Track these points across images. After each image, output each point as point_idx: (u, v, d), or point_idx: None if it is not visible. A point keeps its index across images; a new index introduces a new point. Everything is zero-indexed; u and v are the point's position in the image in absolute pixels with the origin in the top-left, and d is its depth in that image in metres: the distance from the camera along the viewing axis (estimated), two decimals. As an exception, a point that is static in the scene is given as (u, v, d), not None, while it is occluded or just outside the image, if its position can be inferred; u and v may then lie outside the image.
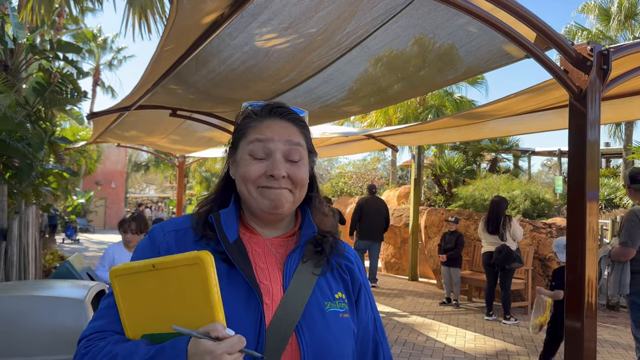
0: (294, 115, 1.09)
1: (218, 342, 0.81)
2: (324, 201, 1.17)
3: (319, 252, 1.06)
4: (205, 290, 0.84)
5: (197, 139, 8.49)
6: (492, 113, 5.19)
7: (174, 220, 1.10)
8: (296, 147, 1.04)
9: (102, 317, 0.99)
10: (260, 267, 1.02)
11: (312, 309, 1.00)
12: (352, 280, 1.11)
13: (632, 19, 15.36)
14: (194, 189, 32.24)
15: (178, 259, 0.87)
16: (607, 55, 2.84)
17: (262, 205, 1.02)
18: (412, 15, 2.88)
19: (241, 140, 1.06)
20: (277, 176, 1.00)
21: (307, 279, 1.02)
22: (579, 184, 2.87)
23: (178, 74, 3.74)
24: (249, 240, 1.05)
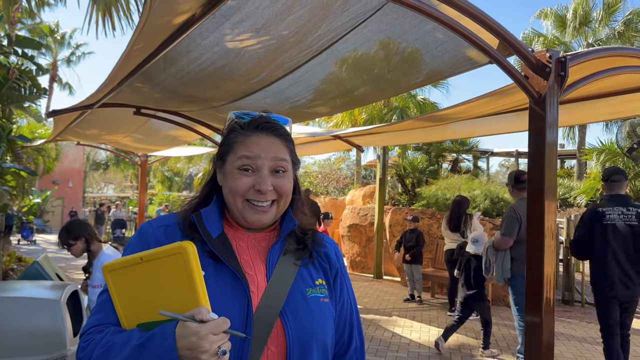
0: (279, 130, 1.14)
1: (203, 324, 0.86)
2: (305, 203, 1.23)
3: (301, 247, 1.14)
4: (189, 277, 0.89)
5: (161, 138, 8.36)
6: (455, 115, 5.35)
7: (162, 217, 1.15)
8: (282, 162, 1.11)
9: (99, 311, 1.04)
10: (244, 260, 1.08)
11: (295, 295, 1.07)
12: (330, 266, 1.18)
13: (586, 26, 16.04)
14: (155, 189, 31.63)
15: (163, 250, 0.93)
16: (564, 62, 2.99)
17: (246, 217, 1.09)
18: (382, 21, 2.96)
19: (229, 154, 1.12)
20: (264, 191, 1.07)
21: (289, 268, 1.09)
22: (538, 184, 3.01)
23: (145, 72, 3.71)
24: (233, 235, 1.12)
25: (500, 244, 4.58)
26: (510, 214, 4.58)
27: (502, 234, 4.58)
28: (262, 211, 1.08)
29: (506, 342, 5.59)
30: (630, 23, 15.30)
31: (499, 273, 4.67)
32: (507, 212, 4.69)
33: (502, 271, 4.59)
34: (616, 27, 15.52)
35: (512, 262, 4.55)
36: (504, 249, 4.57)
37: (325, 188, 18.97)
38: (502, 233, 4.58)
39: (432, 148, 12.51)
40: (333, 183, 19.86)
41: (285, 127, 1.17)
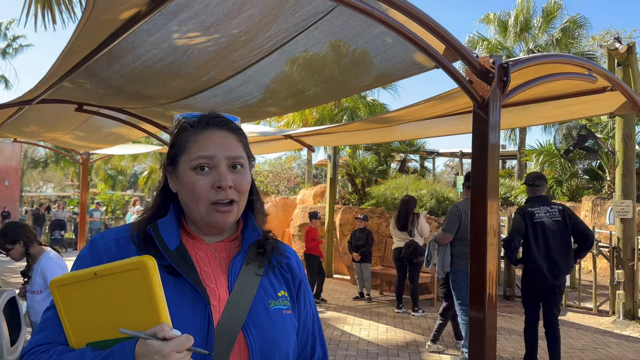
0: (231, 125, 1.11)
1: (165, 341, 0.83)
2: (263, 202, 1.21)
3: (261, 253, 1.10)
4: (149, 294, 0.85)
5: (104, 135, 8.07)
6: (403, 117, 5.47)
7: (114, 230, 1.10)
8: (238, 158, 1.07)
9: (44, 329, 0.97)
10: (205, 272, 1.04)
11: (258, 308, 1.04)
12: (293, 277, 1.15)
13: (527, 32, 16.77)
14: (97, 187, 30.47)
15: (120, 265, 0.88)
16: (506, 68, 3.11)
17: (211, 221, 1.04)
18: (333, 23, 2.98)
19: (181, 155, 1.06)
20: (224, 187, 1.02)
21: (251, 280, 1.06)
22: (481, 184, 3.12)
23: (88, 68, 3.56)
24: (192, 246, 1.07)
25: (441, 239, 4.91)
26: (453, 211, 4.92)
27: (443, 229, 4.92)
28: (225, 211, 1.03)
29: (451, 337, 5.77)
30: (567, 30, 16.14)
31: (439, 266, 4.99)
32: (450, 209, 5.04)
33: (443, 264, 4.90)
34: (554, 34, 16.34)
35: (453, 258, 4.84)
36: (444, 244, 4.89)
37: (276, 187, 18.90)
38: (443, 228, 4.92)
39: (381, 148, 12.73)
40: (284, 182, 19.82)
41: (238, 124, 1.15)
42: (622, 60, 6.71)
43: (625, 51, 6.55)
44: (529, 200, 4.63)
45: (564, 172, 12.74)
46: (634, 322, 6.56)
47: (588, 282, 8.45)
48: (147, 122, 5.88)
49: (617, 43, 6.49)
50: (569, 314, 7.16)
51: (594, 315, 7.06)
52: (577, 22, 16.29)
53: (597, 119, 11.63)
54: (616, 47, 6.51)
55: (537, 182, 4.61)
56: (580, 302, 7.39)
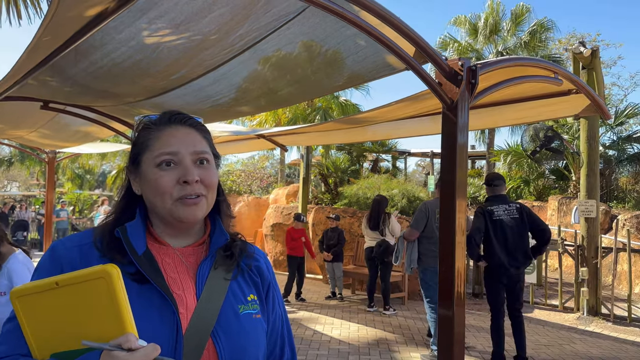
0: (193, 121, 1.09)
1: (131, 352, 0.80)
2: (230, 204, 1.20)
3: (229, 256, 1.08)
4: (114, 303, 0.83)
5: (71, 134, 7.87)
6: (375, 118, 5.51)
7: (75, 236, 1.06)
8: (203, 154, 1.05)
9: (6, 341, 0.94)
10: (171, 278, 1.01)
11: (227, 314, 1.01)
12: (262, 280, 1.13)
13: (496, 35, 17.08)
14: (64, 187, 29.73)
15: (82, 274, 0.85)
16: (475, 71, 3.16)
17: (179, 215, 1.01)
18: (304, 24, 2.98)
19: (144, 153, 1.04)
20: (190, 181, 1.00)
21: (219, 285, 1.03)
22: (450, 184, 3.17)
23: (54, 65, 3.48)
24: (158, 251, 1.04)
25: (408, 235, 5.14)
26: (421, 208, 5.17)
27: (410, 225, 5.16)
28: (193, 204, 1.01)
29: (421, 335, 5.85)
30: (535, 33, 16.51)
31: (407, 262, 5.19)
32: (419, 207, 5.27)
33: (410, 261, 5.10)
34: (523, 36, 16.70)
35: (421, 256, 5.05)
36: (411, 240, 5.10)
37: (249, 187, 18.79)
38: (410, 225, 5.16)
39: (353, 148, 12.80)
40: (257, 182, 19.72)
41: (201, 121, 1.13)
42: (587, 63, 6.92)
43: (590, 55, 6.75)
44: (488, 199, 4.87)
45: (531, 172, 13.06)
46: (597, 318, 6.78)
47: (554, 279, 8.67)
48: (115, 120, 5.77)
49: (582, 47, 6.69)
50: (536, 311, 7.34)
51: (560, 312, 7.25)
52: (545, 25, 16.68)
53: (563, 120, 11.95)
54: (581, 51, 6.70)
55: (495, 182, 4.87)
56: (546, 299, 7.58)
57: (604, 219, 9.88)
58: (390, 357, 4.99)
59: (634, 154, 12.47)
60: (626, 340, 5.91)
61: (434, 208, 4.93)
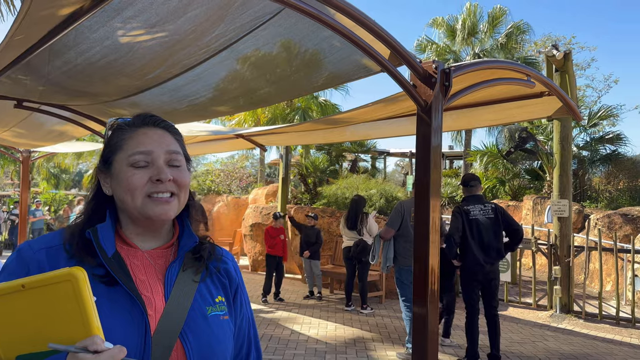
0: (166, 123, 1.11)
1: (97, 354, 0.81)
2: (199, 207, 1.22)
3: (198, 259, 1.09)
4: (80, 306, 0.84)
5: (45, 133, 7.74)
6: (353, 118, 5.56)
7: (44, 238, 1.06)
8: (176, 155, 1.07)
9: None
10: (140, 280, 1.02)
11: (195, 316, 1.03)
12: (230, 282, 1.15)
13: (473, 37, 17.33)
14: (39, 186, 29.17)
15: (49, 276, 0.85)
16: (448, 73, 3.22)
17: (150, 212, 1.02)
18: (280, 25, 3.00)
19: (117, 153, 1.05)
20: (163, 179, 1.02)
21: (188, 287, 1.05)
22: (424, 184, 3.22)
23: (28, 63, 3.44)
24: (127, 253, 1.05)
25: (384, 234, 5.23)
26: (397, 207, 5.28)
27: (386, 224, 5.27)
28: (165, 201, 1.02)
29: (397, 333, 5.92)
30: (512, 35, 16.81)
31: (383, 261, 5.27)
32: (395, 206, 5.38)
33: (386, 260, 5.20)
34: (499, 38, 16.98)
35: (397, 255, 5.16)
36: (387, 239, 5.21)
37: (228, 187, 18.70)
38: (386, 224, 5.28)
39: (332, 148, 12.85)
40: (236, 182, 19.64)
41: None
42: (560, 66, 7.08)
43: (562, 58, 6.91)
44: (465, 199, 5.01)
45: (507, 173, 13.28)
46: (570, 316, 6.94)
47: (528, 278, 8.85)
48: (91, 119, 5.70)
49: (555, 50, 6.84)
50: (510, 308, 7.48)
51: (534, 309, 7.41)
52: (521, 28, 16.99)
53: (538, 121, 12.19)
54: (554, 54, 6.86)
55: (472, 183, 5.02)
56: (520, 297, 7.74)
57: (577, 219, 10.11)
58: (366, 355, 5.04)
59: (606, 155, 12.79)
60: (596, 336, 6.07)
61: (410, 207, 5.02)
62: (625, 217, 9.38)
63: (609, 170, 12.71)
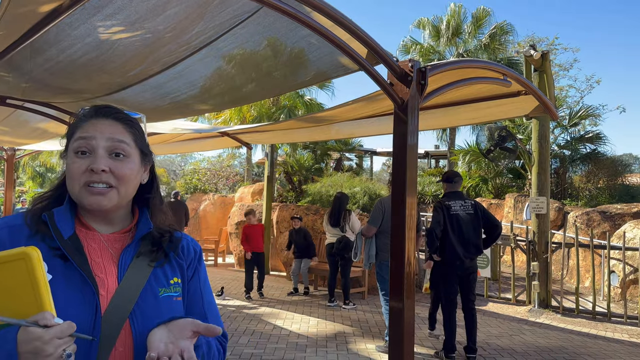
0: (120, 115, 1.13)
1: (47, 328, 0.87)
2: (164, 200, 1.25)
3: (156, 250, 1.13)
4: (33, 284, 0.90)
5: (30, 131, 7.71)
6: (336, 117, 5.63)
7: (7, 217, 1.11)
8: (119, 144, 1.09)
9: None
10: (95, 262, 1.07)
11: (146, 296, 1.07)
12: (187, 263, 1.19)
13: (457, 37, 17.51)
14: (25, 185, 28.84)
15: (5, 255, 0.92)
16: (424, 72, 3.30)
17: (85, 202, 1.06)
18: (259, 23, 3.07)
19: (69, 140, 1.10)
20: (96, 170, 1.04)
21: (142, 270, 1.09)
22: (401, 182, 3.30)
23: (10, 60, 3.46)
24: (85, 236, 1.09)
25: (366, 231, 5.31)
26: (377, 205, 5.34)
27: (368, 222, 5.34)
28: (98, 193, 1.05)
29: (378, 327, 6.01)
30: (495, 36, 17.03)
31: (365, 258, 5.34)
32: (375, 203, 5.44)
33: (368, 256, 5.27)
34: (483, 39, 17.18)
35: (378, 251, 5.23)
36: (369, 236, 5.28)
37: (215, 185, 18.68)
38: (368, 221, 5.35)
39: (318, 147, 12.94)
40: (223, 180, 19.63)
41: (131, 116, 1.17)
42: (538, 66, 7.23)
43: (540, 58, 7.06)
44: (446, 194, 5.10)
45: (490, 171, 13.46)
46: (547, 311, 7.09)
47: (508, 274, 9.00)
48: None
49: (532, 50, 6.98)
50: (490, 304, 7.62)
51: (513, 305, 7.55)
52: (504, 28, 17.21)
53: (520, 120, 12.38)
54: (532, 54, 7.00)
55: (455, 179, 5.11)
56: (500, 293, 7.88)
57: (557, 216, 10.30)
58: (346, 348, 5.13)
59: (586, 154, 13.01)
60: (572, 330, 6.22)
61: (389, 204, 5.10)
62: (604, 215, 9.58)
63: (589, 169, 12.94)
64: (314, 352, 4.98)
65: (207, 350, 1.12)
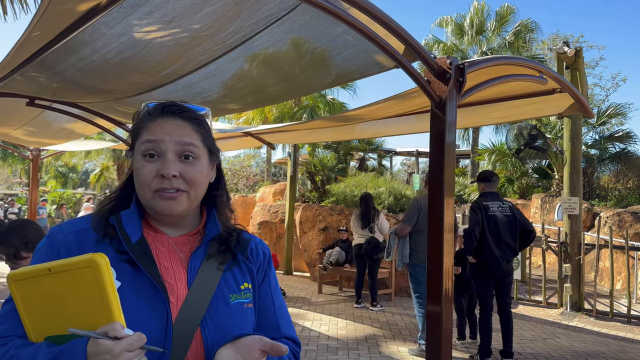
0: (187, 113, 1.08)
1: (117, 340, 0.82)
2: (230, 197, 1.20)
3: (224, 250, 1.08)
4: (101, 292, 0.85)
5: (56, 131, 7.80)
6: (363, 116, 5.55)
7: (73, 221, 1.07)
8: (188, 147, 1.03)
9: (3, 322, 0.95)
10: (164, 266, 1.02)
11: (217, 303, 1.02)
12: (258, 268, 1.14)
13: (481, 35, 17.27)
14: (47, 185, 29.34)
15: (72, 262, 0.87)
16: (463, 69, 3.21)
17: (156, 207, 1.02)
18: (295, 21, 3.01)
19: (136, 140, 1.05)
20: (167, 176, 1.00)
21: (211, 275, 1.04)
22: (438, 182, 3.21)
23: (43, 61, 3.46)
24: (153, 239, 1.05)
25: (400, 231, 5.21)
26: (413, 204, 5.24)
27: (402, 221, 5.27)
28: (170, 198, 1.00)
29: (408, 330, 5.91)
30: (519, 34, 16.74)
31: (399, 258, 5.24)
32: (411, 202, 5.36)
33: (402, 256, 5.18)
34: (507, 37, 16.91)
35: (412, 252, 5.14)
36: (403, 236, 5.18)
37: (235, 185, 18.74)
38: (402, 220, 5.28)
39: (341, 147, 12.85)
40: (243, 180, 19.67)
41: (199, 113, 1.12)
42: (570, 63, 7.04)
43: (574, 55, 6.87)
44: (483, 195, 4.96)
45: (515, 171, 13.23)
46: (580, 314, 6.91)
47: (538, 276, 8.81)
48: (101, 117, 5.73)
49: (566, 47, 6.80)
50: (520, 306, 7.46)
51: (544, 307, 7.38)
52: (528, 26, 16.91)
53: (546, 119, 12.14)
54: (565, 51, 6.82)
55: (493, 179, 5.01)
56: (530, 295, 7.71)
57: (586, 217, 10.06)
58: (378, 351, 5.04)
59: (615, 153, 12.71)
60: (608, 334, 6.04)
61: (426, 204, 4.99)
62: (636, 216, 9.32)
63: (618, 169, 12.64)
64: (345, 354, 4.91)
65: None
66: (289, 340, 1.14)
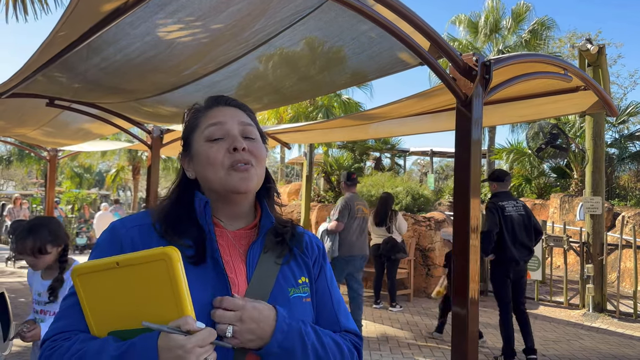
0: (238, 102, 1.15)
1: (189, 335, 0.81)
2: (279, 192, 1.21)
3: (280, 242, 1.09)
4: (174, 286, 0.84)
5: (74, 131, 7.85)
6: (381, 115, 5.50)
7: (134, 216, 1.07)
8: (249, 127, 1.09)
9: (65, 317, 0.95)
10: (225, 261, 1.02)
11: (277, 297, 1.02)
12: (313, 261, 1.14)
13: (496, 33, 17.10)
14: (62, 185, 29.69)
15: (143, 255, 0.86)
16: (489, 66, 3.15)
17: (232, 183, 1.02)
18: (320, 19, 2.97)
19: (194, 133, 1.09)
20: (239, 147, 1.03)
21: (270, 268, 1.04)
22: (464, 181, 3.15)
23: (65, 61, 3.46)
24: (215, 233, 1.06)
25: (334, 228, 5.56)
26: (342, 203, 5.64)
27: (336, 219, 5.59)
28: (244, 170, 1.03)
29: (429, 331, 5.84)
30: (536, 32, 16.55)
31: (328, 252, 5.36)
32: (339, 202, 5.76)
33: (331, 251, 5.45)
34: (523, 35, 16.72)
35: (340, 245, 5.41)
36: (335, 232, 5.47)
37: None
38: (336, 219, 5.59)
39: (356, 146, 12.80)
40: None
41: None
42: (593, 60, 6.92)
43: (596, 52, 6.76)
44: (496, 195, 4.97)
45: (533, 171, 13.08)
46: (603, 315, 6.79)
47: (558, 277, 8.69)
48: (119, 117, 5.74)
49: (589, 44, 6.69)
50: (541, 307, 7.35)
51: (565, 308, 7.27)
52: (545, 24, 16.72)
53: (564, 118, 11.98)
54: (588, 48, 6.71)
55: (506, 178, 5.04)
56: (551, 296, 7.59)
57: (607, 217, 9.89)
58: (400, 352, 4.99)
59: (635, 152, 12.51)
60: (633, 336, 5.92)
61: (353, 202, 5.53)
62: (658, 215, 9.15)
63: (639, 168, 12.42)
64: (368, 354, 4.87)
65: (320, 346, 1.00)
66: (350, 333, 1.14)
